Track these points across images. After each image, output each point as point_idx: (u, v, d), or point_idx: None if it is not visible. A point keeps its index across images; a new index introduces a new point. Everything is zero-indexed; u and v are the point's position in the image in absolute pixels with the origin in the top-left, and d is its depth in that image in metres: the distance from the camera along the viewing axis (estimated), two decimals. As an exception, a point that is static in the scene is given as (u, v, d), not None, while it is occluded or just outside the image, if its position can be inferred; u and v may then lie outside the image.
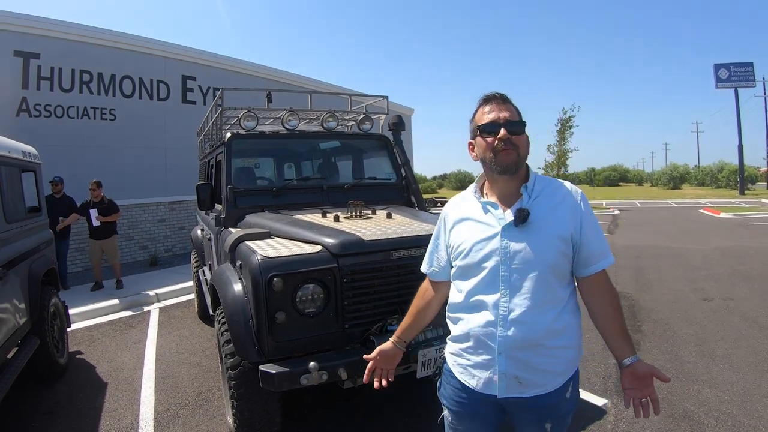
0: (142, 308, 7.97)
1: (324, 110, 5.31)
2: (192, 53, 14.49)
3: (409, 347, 2.66)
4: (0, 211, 4.22)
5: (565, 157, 30.36)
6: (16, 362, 4.12)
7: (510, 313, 1.75)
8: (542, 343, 1.76)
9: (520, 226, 1.75)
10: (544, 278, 1.75)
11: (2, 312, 3.92)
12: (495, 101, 1.85)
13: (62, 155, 10.75)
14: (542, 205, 1.80)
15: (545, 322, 1.75)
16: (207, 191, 4.68)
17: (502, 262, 1.76)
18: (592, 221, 1.84)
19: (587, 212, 1.84)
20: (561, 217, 1.79)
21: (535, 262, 1.74)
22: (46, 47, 11.15)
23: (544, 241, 1.75)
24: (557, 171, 31.10)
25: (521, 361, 1.77)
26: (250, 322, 3.09)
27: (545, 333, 1.76)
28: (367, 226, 3.70)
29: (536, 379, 1.79)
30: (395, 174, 5.37)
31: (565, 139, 30.16)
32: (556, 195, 1.84)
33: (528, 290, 1.74)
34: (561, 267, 1.80)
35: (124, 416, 4.27)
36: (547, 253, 1.75)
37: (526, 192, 1.82)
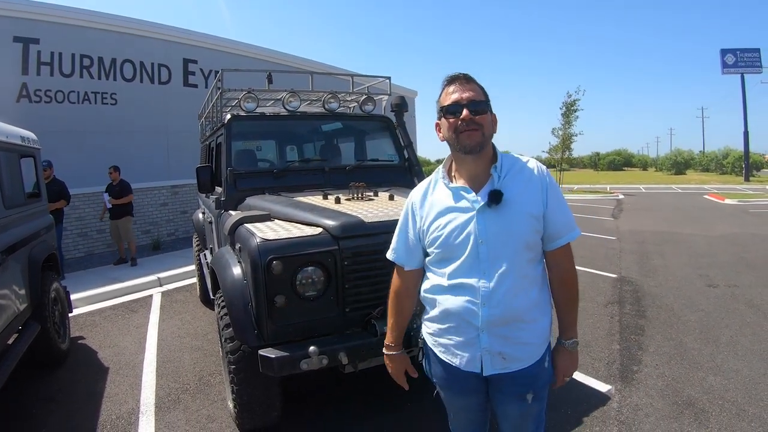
0: (144, 292, 7.96)
1: (326, 91, 5.24)
2: (193, 36, 14.42)
3: (411, 331, 2.70)
4: (-1, 196, 4.19)
5: (569, 140, 30.34)
6: (17, 348, 4.10)
7: (491, 292, 1.78)
8: (522, 318, 1.82)
9: (493, 206, 1.77)
10: (521, 256, 1.80)
11: (2, 298, 3.89)
12: (458, 81, 1.84)
13: (63, 140, 10.75)
14: (513, 184, 1.82)
15: (525, 297, 1.81)
16: (207, 174, 4.63)
17: (480, 244, 1.78)
18: (558, 196, 1.87)
19: (553, 187, 1.87)
20: (531, 194, 1.82)
21: (512, 241, 1.78)
22: (45, 32, 11.10)
23: (519, 219, 1.78)
24: (562, 154, 31.09)
25: (504, 337, 1.82)
26: (250, 305, 3.05)
27: (525, 308, 1.82)
28: (368, 208, 3.65)
29: (519, 354, 1.85)
30: (398, 156, 5.31)
31: (570, 122, 30.12)
32: (523, 173, 1.87)
33: (507, 269, 1.78)
34: (535, 243, 1.85)
35: (125, 401, 4.26)
36: (522, 232, 1.79)
37: (496, 172, 1.84)
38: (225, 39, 15.42)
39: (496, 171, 1.84)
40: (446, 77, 1.89)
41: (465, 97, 1.78)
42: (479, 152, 1.82)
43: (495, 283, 1.77)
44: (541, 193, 1.83)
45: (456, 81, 1.85)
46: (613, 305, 6.42)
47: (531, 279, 1.84)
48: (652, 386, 4.15)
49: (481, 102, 1.80)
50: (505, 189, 1.78)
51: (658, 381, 4.24)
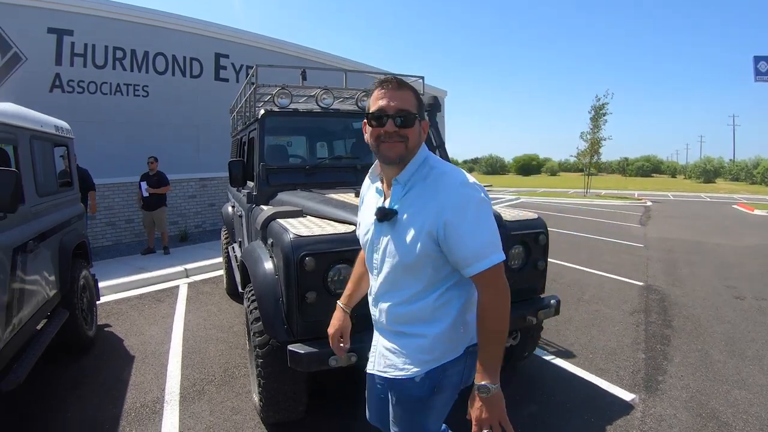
0: (170, 283, 8.04)
1: (359, 89, 5.21)
2: (225, 31, 14.44)
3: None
4: (32, 184, 4.23)
5: (598, 145, 30.02)
6: (45, 334, 4.15)
7: (377, 296, 1.87)
8: (400, 330, 1.82)
9: (384, 222, 1.76)
10: (402, 274, 1.76)
11: (32, 284, 3.94)
12: (388, 87, 1.72)
13: (94, 131, 10.85)
14: (414, 200, 1.72)
15: (402, 311, 1.79)
16: (239, 168, 4.64)
17: (374, 250, 1.84)
18: (464, 220, 1.63)
19: (456, 214, 1.63)
20: (431, 212, 1.66)
21: (395, 259, 1.75)
22: (79, 24, 11.16)
23: (406, 240, 1.70)
24: (590, 159, 30.76)
25: (386, 339, 1.88)
26: (280, 301, 3.05)
27: (405, 320, 1.80)
28: None
29: (395, 360, 1.83)
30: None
31: (598, 126, 29.81)
32: (433, 188, 1.70)
33: (389, 281, 1.80)
34: (421, 265, 1.72)
35: (150, 390, 4.29)
36: (406, 253, 1.71)
37: (397, 184, 1.77)
38: (257, 35, 15.43)
39: (398, 183, 1.76)
40: (377, 80, 1.78)
41: (392, 106, 1.68)
42: (398, 164, 1.74)
43: (379, 290, 1.85)
44: (438, 217, 1.63)
45: (385, 86, 1.72)
46: (638, 314, 6.31)
47: (414, 296, 1.76)
48: (677, 397, 4.07)
49: (408, 113, 1.69)
50: (405, 203, 1.73)
51: (683, 392, 4.16)
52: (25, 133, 4.21)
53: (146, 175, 9.89)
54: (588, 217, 18.19)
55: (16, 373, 3.37)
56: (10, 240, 3.51)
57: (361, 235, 1.98)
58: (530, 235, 3.82)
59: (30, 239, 3.89)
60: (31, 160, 4.27)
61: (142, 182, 9.89)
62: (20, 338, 3.63)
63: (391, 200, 1.77)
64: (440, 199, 1.65)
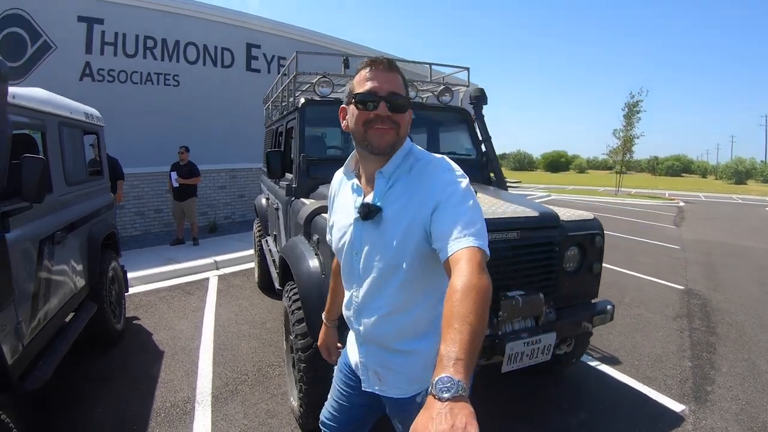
0: (200, 275, 7.88)
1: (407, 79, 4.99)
2: (257, 21, 14.31)
3: (496, 339, 2.65)
4: (60, 173, 4.05)
5: (631, 143, 29.63)
6: (72, 328, 3.98)
7: (361, 308, 1.64)
8: (390, 345, 1.61)
9: (367, 221, 1.55)
10: (396, 276, 1.53)
11: (60, 276, 3.78)
12: (379, 67, 1.54)
13: (124, 120, 10.78)
14: (400, 194, 1.54)
15: (396, 323, 1.58)
16: (278, 159, 4.42)
17: (354, 254, 1.62)
18: (453, 204, 1.42)
19: (446, 193, 1.44)
20: (417, 204, 1.48)
21: (381, 263, 1.54)
22: (110, 13, 11.14)
23: (394, 239, 1.50)
24: (622, 157, 30.39)
25: (377, 356, 1.67)
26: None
27: (395, 335, 1.59)
28: None
29: (393, 380, 1.66)
30: (475, 150, 5.07)
31: (632, 124, 29.41)
32: (418, 178, 1.54)
33: (375, 289, 1.58)
34: (413, 268, 1.51)
35: (180, 388, 4.11)
36: (394, 255, 1.51)
37: (381, 177, 1.57)
38: (289, 25, 15.27)
39: (382, 176, 1.57)
40: (365, 59, 1.58)
41: (386, 89, 1.50)
42: (388, 154, 1.56)
43: (363, 300, 1.62)
44: (428, 201, 1.45)
45: (375, 66, 1.54)
46: (681, 319, 6.06)
47: (407, 306, 1.56)
48: (727, 409, 3.87)
49: (401, 97, 1.53)
50: (389, 198, 1.54)
51: (733, 404, 3.95)
52: (54, 120, 4.03)
53: (177, 165, 9.76)
54: (621, 217, 17.83)
55: (41, 371, 3.19)
56: (37, 231, 3.35)
57: (335, 240, 1.74)
58: (586, 237, 3.63)
59: (58, 230, 3.72)
60: (60, 148, 4.10)
61: (173, 172, 9.72)
62: (46, 333, 3.47)
63: (374, 196, 1.57)
64: (428, 184, 1.48)
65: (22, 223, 3.13)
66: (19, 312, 2.97)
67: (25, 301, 3.08)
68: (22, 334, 2.99)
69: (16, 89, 3.35)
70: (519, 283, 3.22)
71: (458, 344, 1.08)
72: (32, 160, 2.88)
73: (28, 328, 3.09)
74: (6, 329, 2.79)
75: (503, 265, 3.11)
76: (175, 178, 9.65)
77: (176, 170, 9.70)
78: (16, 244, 2.96)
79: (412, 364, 1.60)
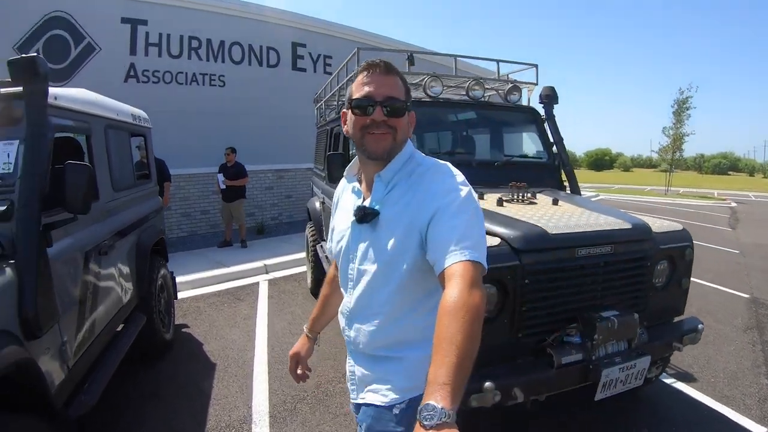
0: (250, 279, 7.68)
1: (470, 76, 4.65)
2: (302, 20, 14.12)
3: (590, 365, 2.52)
4: (107, 178, 3.84)
5: (680, 141, 28.86)
6: (121, 344, 3.75)
7: (353, 312, 1.60)
8: (377, 351, 1.55)
9: (364, 224, 1.52)
10: (384, 286, 1.49)
11: (108, 288, 3.57)
12: (375, 71, 1.50)
13: (170, 121, 10.69)
14: (398, 198, 1.50)
15: (383, 329, 1.52)
16: (340, 161, 4.10)
17: (350, 259, 1.59)
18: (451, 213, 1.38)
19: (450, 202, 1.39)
20: (415, 209, 1.44)
21: (376, 267, 1.50)
22: (153, 14, 11.12)
23: (389, 244, 1.46)
24: (672, 155, 29.65)
25: (365, 362, 1.61)
26: None
27: (383, 341, 1.53)
28: (539, 214, 3.14)
29: (374, 386, 1.57)
30: (546, 153, 4.75)
31: (681, 121, 28.63)
32: (418, 182, 1.50)
33: (368, 295, 1.53)
34: (408, 274, 1.45)
35: (235, 406, 3.86)
36: (389, 260, 1.47)
37: (380, 181, 1.55)
38: (335, 23, 15.07)
39: (381, 180, 1.54)
40: (364, 63, 1.55)
41: (381, 93, 1.47)
42: (386, 159, 1.53)
43: (355, 306, 1.58)
44: (427, 207, 1.41)
45: (372, 69, 1.51)
46: (752, 331, 5.65)
47: (399, 312, 1.49)
48: None
49: (398, 101, 1.49)
50: (387, 202, 1.51)
51: None
52: (100, 122, 3.81)
53: (224, 166, 9.66)
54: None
55: (88, 395, 2.97)
56: (83, 242, 3.14)
57: (333, 243, 1.72)
58: (677, 249, 3.40)
59: (105, 239, 3.50)
60: (107, 152, 3.88)
61: (219, 174, 9.62)
62: (93, 352, 3.25)
63: (372, 199, 1.54)
64: (427, 190, 1.45)
65: (67, 234, 2.91)
66: (64, 331, 2.75)
67: (70, 318, 2.86)
68: (67, 356, 2.76)
69: (59, 90, 3.13)
70: (611, 302, 3.01)
71: (446, 367, 1.08)
72: (76, 167, 2.64)
73: (73, 349, 2.87)
74: (50, 352, 2.57)
75: (596, 283, 2.94)
76: (222, 180, 9.55)
77: (223, 172, 9.58)
78: (59, 259, 2.74)
79: (397, 371, 1.53)
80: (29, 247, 2.35)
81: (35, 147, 2.48)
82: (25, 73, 2.54)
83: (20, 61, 2.52)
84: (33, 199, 2.41)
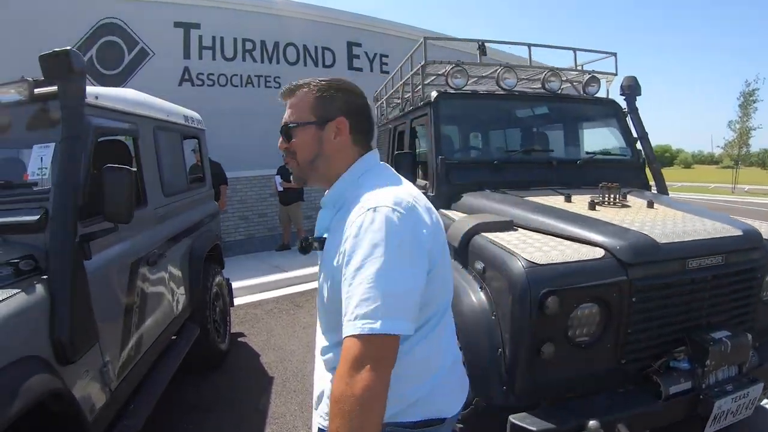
0: (308, 285, 7.37)
1: (544, 66, 4.26)
2: (357, 19, 13.95)
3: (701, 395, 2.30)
4: (157, 182, 3.61)
5: (747, 135, 27.45)
6: (170, 360, 3.50)
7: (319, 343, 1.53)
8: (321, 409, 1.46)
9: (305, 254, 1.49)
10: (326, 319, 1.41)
11: (157, 301, 3.34)
12: (283, 97, 1.48)
13: (226, 123, 10.67)
14: (336, 226, 1.34)
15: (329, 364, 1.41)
16: (409, 162, 3.78)
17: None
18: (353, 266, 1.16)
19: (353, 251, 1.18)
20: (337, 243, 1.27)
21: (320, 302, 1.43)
22: (205, 17, 11.14)
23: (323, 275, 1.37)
24: (738, 150, 28.23)
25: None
26: (499, 352, 2.22)
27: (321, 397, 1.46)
28: (639, 219, 2.75)
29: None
30: (629, 149, 4.32)
31: (748, 114, 27.27)
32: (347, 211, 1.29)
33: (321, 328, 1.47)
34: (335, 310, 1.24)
35: (294, 426, 3.59)
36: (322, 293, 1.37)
37: (324, 208, 1.47)
38: (390, 22, 14.81)
39: (324, 207, 1.47)
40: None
41: (284, 120, 1.44)
42: (304, 184, 1.52)
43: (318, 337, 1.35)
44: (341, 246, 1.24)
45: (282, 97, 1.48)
46: None
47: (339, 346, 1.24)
48: None
49: (290, 125, 1.42)
50: (330, 231, 1.37)
51: None
52: (148, 123, 3.57)
53: (282, 168, 9.45)
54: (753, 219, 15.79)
55: (132, 419, 2.72)
56: (129, 252, 2.90)
57: None
58: None
59: (153, 249, 3.26)
60: (156, 155, 3.64)
61: (277, 176, 9.50)
62: (139, 371, 3.01)
63: (318, 227, 1.47)
64: (343, 228, 1.26)
65: (110, 244, 2.67)
66: (106, 351, 2.51)
67: (113, 337, 2.63)
68: (109, 378, 2.51)
69: (101, 89, 2.91)
70: (718, 321, 2.62)
71: None
72: (116, 172, 2.37)
73: (116, 370, 2.62)
74: (88, 376, 2.32)
75: (704, 299, 2.55)
76: (279, 182, 9.42)
77: (281, 174, 9.41)
78: (100, 272, 2.50)
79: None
80: (63, 260, 2.11)
81: (71, 151, 2.24)
82: (59, 70, 2.29)
83: (53, 55, 2.28)
84: (68, 208, 2.16)
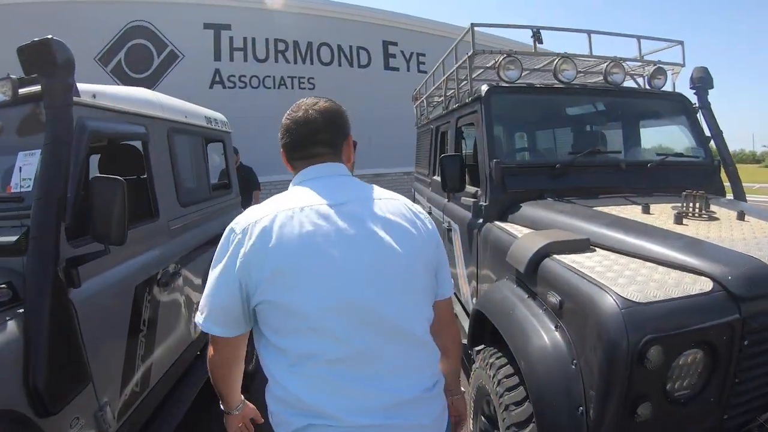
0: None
1: (605, 57, 3.77)
2: (392, 17, 13.57)
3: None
4: (172, 192, 3.22)
5: None
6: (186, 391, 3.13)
7: None
8: None
9: None
10: None
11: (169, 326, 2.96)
12: None
13: (259, 126, 10.38)
14: None
15: None
16: (458, 166, 3.34)
17: None
18: None
19: None
20: None
21: None
22: (235, 18, 10.95)
23: None
24: None
25: None
26: (581, 411, 1.74)
27: None
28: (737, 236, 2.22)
29: None
30: (702, 149, 3.73)
31: None
32: None
33: None
34: None
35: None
36: None
37: None
38: (427, 20, 14.38)
39: None
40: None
41: None
42: None
43: None
44: None
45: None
46: None
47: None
48: None
49: None
50: None
51: None
52: (161, 125, 3.19)
53: None
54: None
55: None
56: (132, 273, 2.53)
57: None
58: None
59: (164, 267, 2.89)
60: (170, 161, 3.26)
61: None
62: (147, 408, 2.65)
63: None
64: None
65: (108, 266, 2.31)
66: (103, 393, 2.14)
67: (111, 374, 2.26)
68: (105, 423, 2.14)
69: (101, 87, 2.53)
70: None
71: None
72: (105, 183, 2.00)
73: (116, 412, 2.25)
74: (79, 424, 1.96)
75: None
76: None
77: None
78: (95, 300, 2.13)
79: None
80: (40, 291, 1.77)
81: (55, 158, 1.91)
82: (41, 64, 1.95)
83: (32, 47, 1.92)
84: (48, 226, 1.83)
